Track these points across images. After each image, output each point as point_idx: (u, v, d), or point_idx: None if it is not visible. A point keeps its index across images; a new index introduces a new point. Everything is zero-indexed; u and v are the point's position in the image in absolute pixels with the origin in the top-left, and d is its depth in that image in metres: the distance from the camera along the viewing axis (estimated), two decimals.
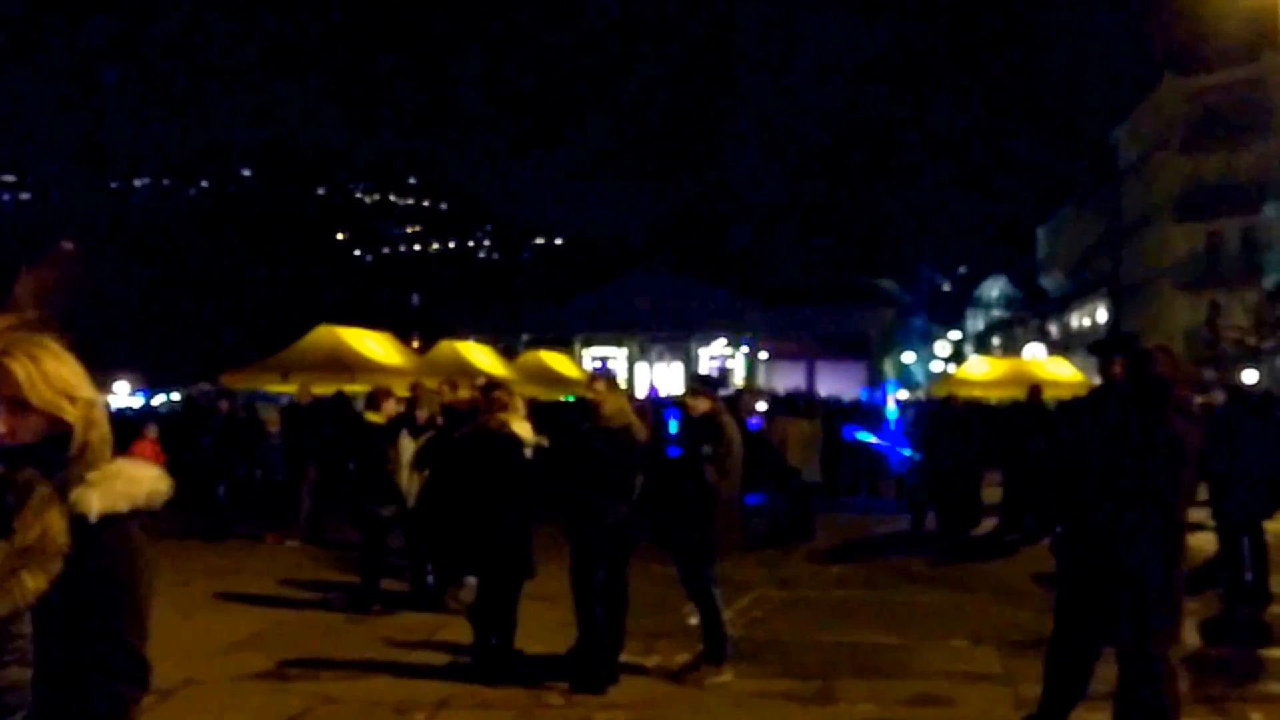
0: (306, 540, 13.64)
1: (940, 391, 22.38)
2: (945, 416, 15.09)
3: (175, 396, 40.75)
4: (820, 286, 65.15)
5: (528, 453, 7.68)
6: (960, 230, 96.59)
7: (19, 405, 2.14)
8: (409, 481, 10.32)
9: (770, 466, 13.84)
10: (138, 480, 2.21)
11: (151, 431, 14.55)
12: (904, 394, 26.58)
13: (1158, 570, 4.88)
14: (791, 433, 14.38)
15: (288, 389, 19.74)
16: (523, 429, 7.73)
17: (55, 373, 2.20)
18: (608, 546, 7.20)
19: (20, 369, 2.15)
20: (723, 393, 13.30)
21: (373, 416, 10.40)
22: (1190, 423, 5.08)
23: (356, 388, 15.99)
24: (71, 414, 2.20)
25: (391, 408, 10.56)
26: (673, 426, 16.14)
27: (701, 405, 7.58)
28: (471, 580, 9.18)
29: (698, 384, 7.92)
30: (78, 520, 2.10)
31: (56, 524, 2.04)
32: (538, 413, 10.93)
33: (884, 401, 21.92)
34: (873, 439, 18.85)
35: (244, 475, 15.13)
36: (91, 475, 2.16)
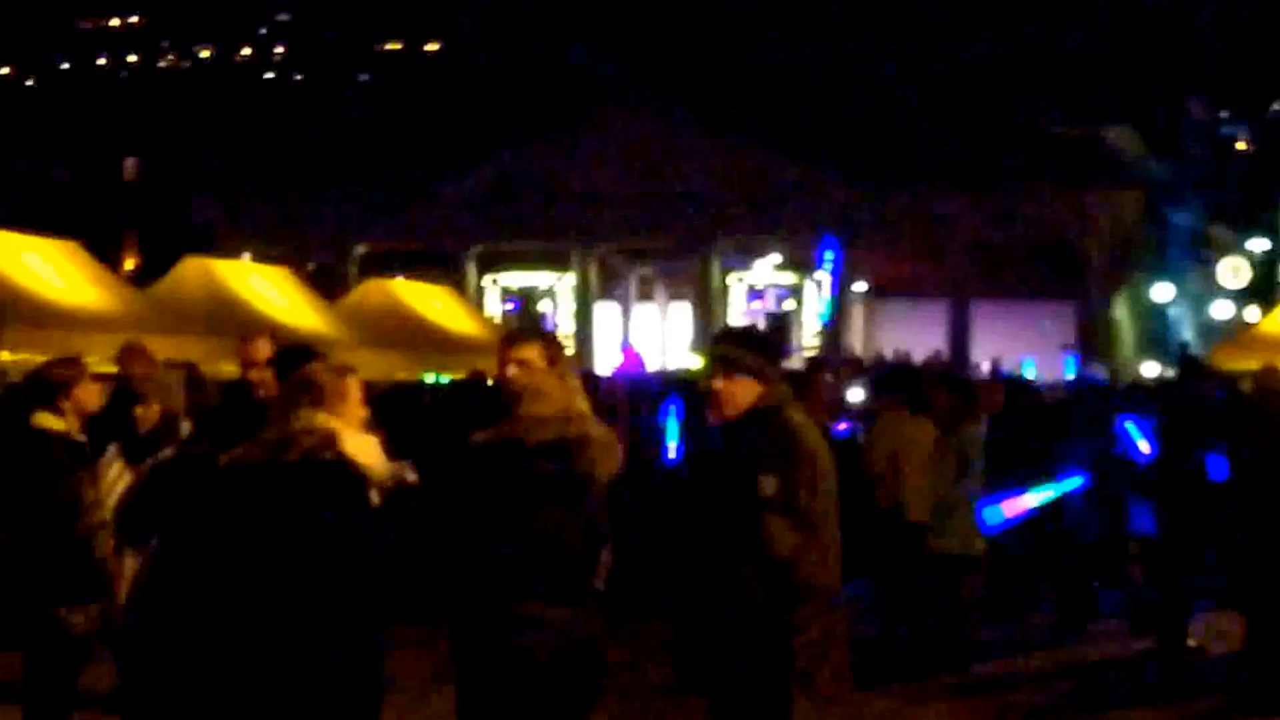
0: None
1: (1230, 364, 15.39)
2: (1244, 423, 10.14)
3: None
4: (974, 147, 38.86)
5: (375, 496, 5.43)
6: (1268, 31, 53.74)
7: None
8: (121, 557, 7.70)
9: (870, 518, 9.93)
10: None
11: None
12: (1154, 369, 21.18)
13: None
14: (907, 444, 10.33)
15: None
16: (365, 450, 5.40)
17: None
18: (544, 690, 5.19)
19: None
20: (784, 366, 9.49)
21: (48, 420, 7.78)
22: None
23: (6, 356, 12.14)
24: None
25: (91, 400, 8.17)
26: (674, 433, 12.09)
27: (745, 394, 5.39)
28: None
29: (734, 349, 5.66)
30: None
31: None
32: (390, 410, 9.73)
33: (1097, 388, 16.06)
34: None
35: None
36: None
